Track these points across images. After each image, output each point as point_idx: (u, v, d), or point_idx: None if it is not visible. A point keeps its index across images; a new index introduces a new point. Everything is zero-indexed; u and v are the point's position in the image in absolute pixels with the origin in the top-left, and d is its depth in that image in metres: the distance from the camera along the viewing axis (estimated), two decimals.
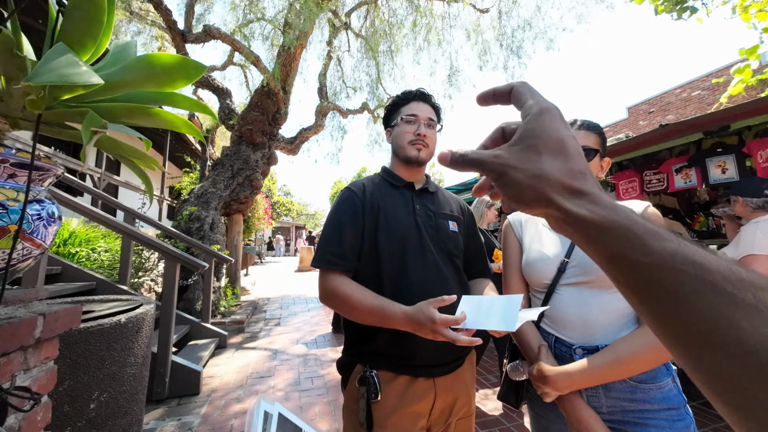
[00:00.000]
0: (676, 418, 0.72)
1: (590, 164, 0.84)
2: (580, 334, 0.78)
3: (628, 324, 0.76)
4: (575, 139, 0.28)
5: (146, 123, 0.87)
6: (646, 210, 0.79)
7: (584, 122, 0.89)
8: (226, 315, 4.66)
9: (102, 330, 1.45)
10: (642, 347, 0.70)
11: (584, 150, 0.83)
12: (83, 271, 2.64)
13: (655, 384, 0.73)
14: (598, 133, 0.87)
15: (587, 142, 0.85)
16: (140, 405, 1.71)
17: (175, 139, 8.18)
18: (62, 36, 0.68)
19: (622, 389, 0.74)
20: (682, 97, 9.89)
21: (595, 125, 0.88)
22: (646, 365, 0.71)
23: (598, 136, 0.87)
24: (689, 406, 0.75)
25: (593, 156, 0.84)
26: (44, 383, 0.75)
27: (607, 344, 0.74)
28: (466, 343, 0.67)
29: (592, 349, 0.75)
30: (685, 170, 2.82)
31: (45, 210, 0.71)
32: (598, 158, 0.86)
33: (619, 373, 0.71)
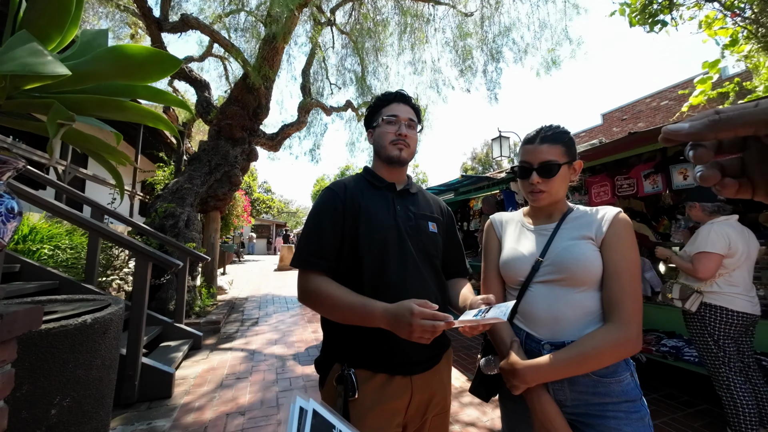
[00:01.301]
0: (633, 410, 0.77)
1: (558, 177, 0.86)
2: (550, 330, 0.83)
3: (593, 321, 0.80)
4: None
5: (118, 116, 0.84)
6: (617, 216, 0.84)
7: (545, 135, 0.88)
8: (201, 315, 4.52)
9: (66, 331, 1.37)
10: (605, 343, 0.74)
11: (548, 165, 0.85)
12: (45, 269, 2.49)
13: (615, 378, 0.78)
14: (563, 142, 0.88)
15: (549, 156, 0.86)
16: (107, 409, 1.63)
17: (149, 132, 7.82)
18: (25, 23, 0.65)
19: (586, 383, 0.79)
20: (652, 106, 10.45)
21: (557, 135, 0.88)
22: (609, 359, 0.76)
23: (562, 146, 0.87)
24: (647, 398, 0.80)
25: (556, 171, 0.86)
26: (1, 387, 0.71)
27: (573, 340, 0.78)
28: (443, 327, 0.68)
29: (560, 344, 0.80)
30: (653, 176, 2.98)
31: (3, 205, 0.68)
32: (566, 168, 0.88)
33: (583, 368, 0.76)
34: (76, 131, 0.81)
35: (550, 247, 0.87)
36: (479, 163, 32.29)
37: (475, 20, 7.79)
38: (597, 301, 0.81)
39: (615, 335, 0.74)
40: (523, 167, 0.90)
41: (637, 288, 0.78)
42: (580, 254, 0.81)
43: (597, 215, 0.87)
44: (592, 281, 0.81)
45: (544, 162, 0.86)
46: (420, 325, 0.69)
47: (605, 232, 0.83)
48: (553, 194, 0.88)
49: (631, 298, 0.76)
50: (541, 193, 0.88)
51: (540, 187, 0.87)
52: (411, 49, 8.26)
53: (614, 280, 0.78)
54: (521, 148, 0.93)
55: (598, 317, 0.81)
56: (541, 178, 0.87)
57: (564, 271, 0.82)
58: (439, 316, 0.69)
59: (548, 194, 0.88)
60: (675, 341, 2.51)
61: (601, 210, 0.88)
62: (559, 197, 0.90)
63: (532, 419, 0.78)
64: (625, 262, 0.79)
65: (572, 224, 0.89)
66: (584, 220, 0.88)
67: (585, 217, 0.89)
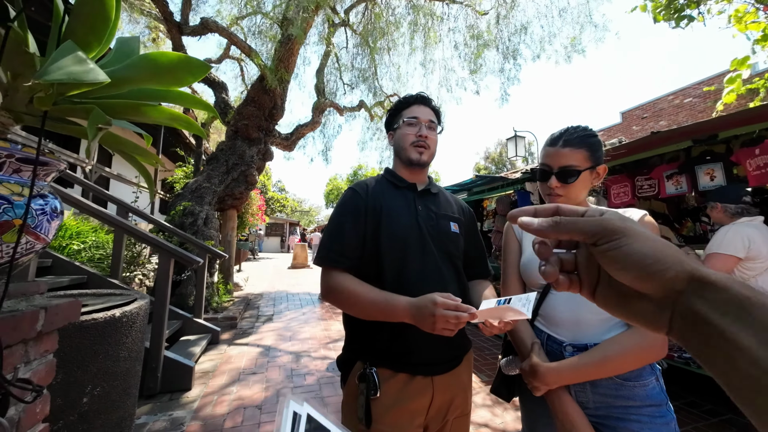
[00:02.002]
0: (657, 414, 0.76)
1: (577, 182, 0.84)
2: (572, 332, 0.82)
3: (616, 325, 0.79)
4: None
5: (150, 120, 0.88)
6: (642, 219, 0.81)
7: (569, 138, 0.85)
8: (218, 311, 4.65)
9: (96, 324, 1.45)
10: (629, 348, 0.73)
11: (568, 170, 0.84)
12: (74, 264, 2.61)
13: (639, 382, 0.77)
14: (587, 145, 0.85)
15: (571, 161, 0.83)
16: (132, 400, 1.71)
17: (169, 132, 8.07)
18: (69, 34, 0.69)
19: (608, 386, 0.78)
20: (675, 104, 10.07)
21: (582, 138, 0.85)
22: (632, 365, 0.75)
23: (586, 150, 0.84)
24: (673, 405, 0.79)
25: (575, 177, 0.83)
26: (43, 376, 0.75)
27: (596, 343, 0.78)
28: (466, 318, 0.69)
29: (582, 347, 0.79)
30: (676, 177, 2.89)
31: (48, 205, 0.72)
32: (587, 173, 0.85)
33: (606, 371, 0.75)
34: (111, 134, 0.85)
35: None
36: (492, 162, 31.86)
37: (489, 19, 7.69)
38: None
39: (639, 340, 0.73)
40: (542, 170, 0.89)
41: None
42: None
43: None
44: None
45: (564, 167, 0.85)
46: (443, 316, 0.69)
47: None
48: (572, 199, 0.87)
49: None
50: (559, 197, 0.87)
51: (558, 192, 0.86)
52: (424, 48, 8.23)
53: None
54: (543, 149, 0.92)
55: (622, 321, 0.80)
56: (560, 183, 0.85)
57: None
58: (462, 308, 0.70)
59: (566, 199, 0.87)
60: None
61: (625, 213, 0.85)
62: (578, 202, 0.89)
63: (554, 421, 0.78)
64: None
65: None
66: None
67: None
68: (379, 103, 8.79)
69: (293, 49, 5.70)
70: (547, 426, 0.84)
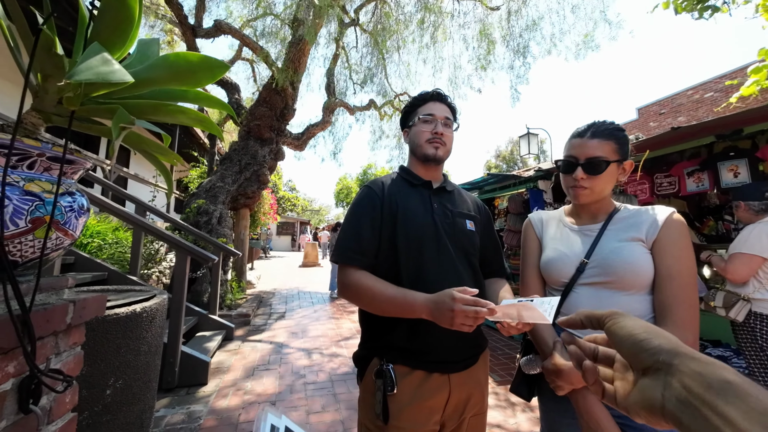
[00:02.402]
0: None
1: (604, 174, 0.82)
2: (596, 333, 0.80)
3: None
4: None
5: (170, 119, 0.90)
6: (671, 216, 0.79)
7: (597, 130, 0.84)
8: (232, 308, 4.73)
9: (118, 319, 1.49)
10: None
11: (596, 161, 0.82)
12: (95, 261, 2.70)
13: None
14: (616, 139, 0.84)
15: (599, 152, 0.82)
16: (152, 393, 1.76)
17: (183, 133, 8.24)
18: (95, 36, 0.71)
19: None
20: (694, 99, 9.74)
21: (611, 131, 0.84)
22: None
23: (615, 143, 0.83)
24: None
25: (603, 168, 0.81)
26: (72, 367, 0.78)
27: None
28: (485, 313, 0.68)
29: None
30: (698, 174, 2.80)
31: (76, 202, 0.75)
32: (614, 166, 0.83)
33: None
34: (134, 134, 0.88)
35: (596, 248, 0.84)
36: (504, 161, 31.47)
37: (501, 15, 7.58)
38: (647, 304, 0.78)
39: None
40: (567, 161, 0.87)
41: (692, 293, 0.74)
42: (629, 257, 0.78)
43: (648, 216, 0.82)
44: (642, 285, 0.78)
45: (592, 158, 0.83)
46: (462, 311, 0.69)
47: (657, 234, 0.78)
48: (597, 192, 0.85)
49: (685, 304, 0.72)
50: (583, 189, 0.84)
51: (583, 184, 0.84)
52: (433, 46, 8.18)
53: (667, 284, 0.75)
54: (568, 141, 0.89)
55: (649, 321, 0.77)
56: (586, 175, 0.83)
57: (611, 273, 0.79)
58: (480, 302, 0.69)
59: (590, 192, 0.84)
60: (721, 350, 2.35)
61: (652, 210, 0.83)
62: (603, 196, 0.87)
63: (579, 421, 0.76)
64: (678, 266, 0.75)
65: (620, 225, 0.85)
66: (633, 221, 0.83)
67: (634, 217, 0.84)
68: (388, 102, 8.79)
69: (304, 50, 5.74)
70: (569, 426, 0.82)
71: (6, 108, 3.88)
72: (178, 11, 5.36)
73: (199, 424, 2.08)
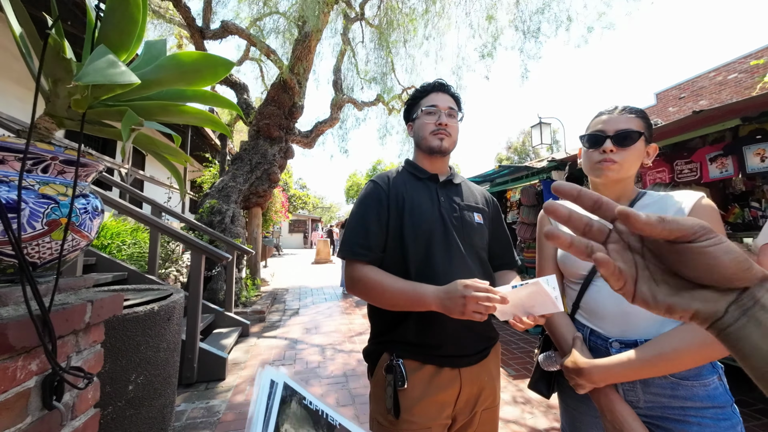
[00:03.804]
0: (722, 416, 0.69)
1: (634, 148, 0.79)
2: (619, 327, 0.76)
3: (670, 319, 0.73)
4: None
5: (179, 120, 0.90)
6: (699, 201, 0.74)
7: (626, 107, 0.83)
8: (247, 305, 4.82)
9: (137, 317, 1.53)
10: (688, 344, 0.66)
11: (626, 133, 0.79)
12: (115, 262, 2.79)
13: (699, 381, 0.70)
14: (642, 117, 0.82)
15: (630, 126, 0.79)
16: (172, 388, 1.81)
17: (195, 134, 8.39)
18: (101, 38, 0.72)
19: (663, 385, 0.72)
20: (717, 81, 9.30)
21: (638, 110, 0.83)
22: (691, 363, 0.67)
23: (642, 120, 0.81)
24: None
25: (637, 139, 0.78)
26: (93, 364, 0.80)
27: (647, 339, 0.71)
28: (497, 300, 0.68)
29: (630, 343, 0.73)
30: (721, 159, 2.67)
31: (90, 204, 0.76)
32: (643, 142, 0.80)
33: (660, 369, 0.68)
34: (144, 135, 0.89)
35: None
36: (515, 152, 30.91)
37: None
38: None
39: (700, 335, 0.66)
40: (595, 135, 0.82)
41: None
42: None
43: (674, 201, 0.77)
44: None
45: (621, 130, 0.79)
46: (474, 297, 0.68)
47: None
48: (625, 169, 0.80)
49: None
50: (612, 163, 0.79)
51: (613, 157, 0.79)
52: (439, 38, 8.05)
53: None
54: (593, 120, 0.86)
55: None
56: (616, 147, 0.79)
57: None
58: (492, 289, 0.69)
59: (619, 167, 0.80)
60: None
61: (678, 195, 0.78)
62: (629, 174, 0.82)
63: (602, 420, 0.74)
64: None
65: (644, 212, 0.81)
66: (658, 207, 0.79)
67: (659, 203, 0.79)
68: (396, 96, 8.72)
69: (310, 46, 5.73)
70: (591, 426, 0.79)
71: (22, 113, 4.03)
72: (186, 14, 5.42)
73: (219, 418, 2.13)
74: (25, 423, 0.60)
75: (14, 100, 4.27)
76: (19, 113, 3.84)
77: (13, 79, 4.30)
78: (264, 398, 0.55)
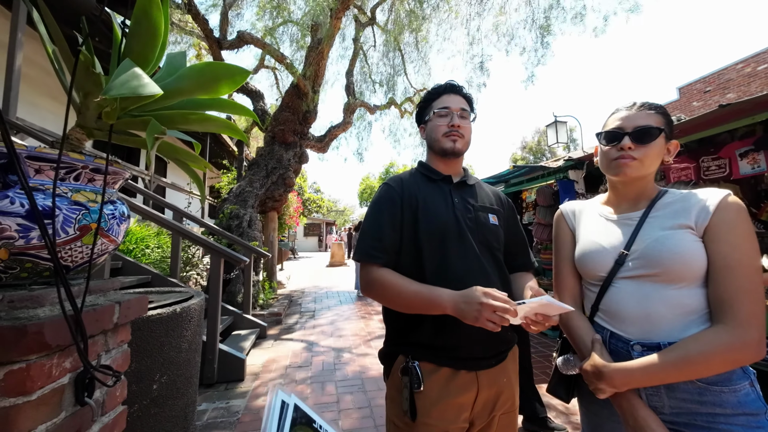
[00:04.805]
0: (755, 425, 0.65)
1: (653, 145, 0.77)
2: (640, 329, 0.73)
3: (696, 322, 0.69)
4: None
5: (200, 128, 0.94)
6: (725, 200, 0.71)
7: (645, 102, 0.81)
8: (264, 307, 4.91)
9: (161, 318, 1.59)
10: (716, 348, 0.63)
11: (645, 129, 0.76)
12: (139, 265, 2.90)
13: (729, 387, 0.67)
14: (662, 113, 0.80)
15: (649, 122, 0.77)
16: (194, 388, 1.86)
17: (213, 141, 8.66)
18: (127, 52, 0.76)
19: (689, 390, 0.69)
20: (745, 73, 8.86)
21: (658, 105, 0.80)
22: (719, 368, 0.64)
23: (662, 117, 0.79)
24: None
25: (657, 135, 0.76)
26: (120, 363, 0.84)
27: (671, 342, 0.68)
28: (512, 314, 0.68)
29: (653, 346, 0.71)
30: (752, 154, 2.54)
31: (117, 209, 0.80)
32: (663, 139, 0.78)
33: (686, 374, 0.66)
34: (167, 143, 0.93)
35: (637, 237, 0.77)
36: (530, 152, 30.32)
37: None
38: (700, 298, 0.69)
39: (728, 339, 0.63)
40: (613, 132, 0.80)
41: (757, 284, 0.65)
42: (677, 246, 0.70)
43: (697, 200, 0.74)
44: (693, 277, 0.70)
45: (641, 126, 0.77)
46: (490, 304, 0.68)
47: (709, 220, 0.70)
48: (645, 166, 0.78)
49: (749, 296, 0.64)
50: (632, 160, 0.77)
51: (632, 154, 0.77)
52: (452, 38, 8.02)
53: (724, 275, 0.66)
54: (611, 116, 0.84)
55: (703, 317, 0.69)
56: (635, 144, 0.77)
57: (657, 265, 0.72)
58: (508, 301, 0.68)
59: (639, 164, 0.77)
60: None
61: (703, 193, 0.74)
62: (649, 172, 0.80)
63: (625, 427, 0.70)
64: (738, 254, 0.66)
65: (665, 211, 0.77)
66: (680, 206, 0.75)
67: (681, 202, 0.76)
68: (408, 99, 8.73)
69: (323, 53, 5.83)
70: (611, 430, 0.77)
71: (55, 125, 4.26)
72: (204, 26, 5.63)
73: (238, 418, 2.18)
74: (59, 417, 0.63)
75: (47, 114, 4.53)
76: (53, 126, 4.07)
77: (47, 94, 4.56)
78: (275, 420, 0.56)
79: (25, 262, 0.64)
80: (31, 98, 4.28)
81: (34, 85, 4.31)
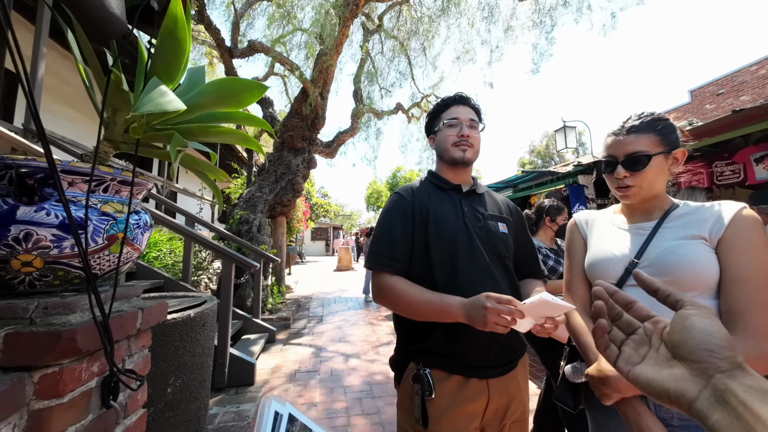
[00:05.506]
0: None
1: (648, 170, 0.77)
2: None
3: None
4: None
5: (217, 139, 0.97)
6: (740, 212, 0.71)
7: (632, 125, 0.80)
8: (273, 312, 4.95)
9: (175, 323, 1.63)
10: None
11: (635, 157, 0.77)
12: (153, 270, 2.96)
13: None
14: (656, 130, 0.79)
15: (637, 147, 0.78)
16: (206, 392, 1.89)
17: (224, 147, 8.81)
18: (152, 71, 0.79)
19: None
20: (760, 75, 8.69)
21: (648, 123, 0.79)
22: None
23: (655, 135, 0.78)
24: None
25: (645, 163, 0.77)
26: (142, 367, 0.87)
27: None
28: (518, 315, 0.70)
29: None
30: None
31: (141, 219, 0.83)
32: (661, 158, 0.78)
33: None
34: (187, 155, 0.97)
35: (648, 247, 0.78)
36: (538, 156, 30.11)
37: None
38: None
39: (746, 348, 0.62)
40: (607, 161, 0.83)
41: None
42: (688, 255, 0.71)
43: (712, 212, 0.74)
44: (705, 287, 0.70)
45: (630, 154, 0.78)
46: (495, 308, 0.70)
47: (724, 232, 0.70)
48: (645, 189, 0.79)
49: (762, 309, 0.64)
50: (629, 188, 0.80)
51: (627, 182, 0.79)
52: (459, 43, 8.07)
53: (738, 287, 0.66)
54: (605, 141, 0.86)
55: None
56: (628, 172, 0.79)
57: (667, 273, 0.72)
58: (514, 302, 0.70)
59: (638, 189, 0.79)
60: None
61: (718, 205, 0.75)
62: (655, 192, 0.80)
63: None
64: (752, 267, 0.66)
65: (678, 222, 0.78)
66: (694, 218, 0.76)
67: (695, 213, 0.77)
68: (415, 104, 8.78)
69: (331, 60, 5.92)
70: None
71: (79, 136, 4.41)
72: (216, 35, 5.77)
73: (248, 422, 2.20)
74: (87, 420, 0.66)
75: (66, 122, 4.68)
76: (70, 133, 4.21)
77: (65, 102, 4.72)
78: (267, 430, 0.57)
79: (57, 270, 0.68)
80: (50, 106, 4.43)
81: (53, 93, 4.47)
